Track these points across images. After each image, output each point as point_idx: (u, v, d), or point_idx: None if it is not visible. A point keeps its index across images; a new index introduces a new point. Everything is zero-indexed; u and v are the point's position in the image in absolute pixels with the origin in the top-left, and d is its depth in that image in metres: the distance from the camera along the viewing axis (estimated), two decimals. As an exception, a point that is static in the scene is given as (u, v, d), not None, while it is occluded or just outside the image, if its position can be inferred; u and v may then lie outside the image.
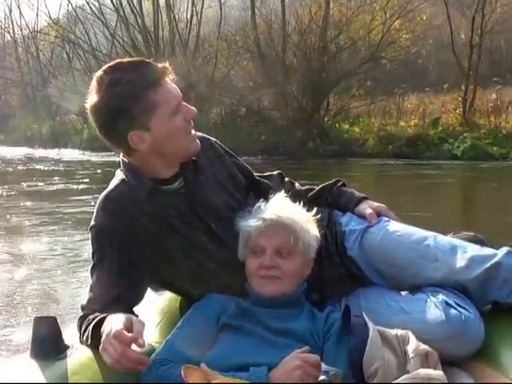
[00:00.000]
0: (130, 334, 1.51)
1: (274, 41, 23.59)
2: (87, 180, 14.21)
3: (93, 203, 7.51)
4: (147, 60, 1.86)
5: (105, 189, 1.97)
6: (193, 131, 1.94)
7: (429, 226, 2.20)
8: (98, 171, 16.51)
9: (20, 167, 19.20)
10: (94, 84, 1.82)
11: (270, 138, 21.69)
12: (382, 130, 20.72)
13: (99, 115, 1.83)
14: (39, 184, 13.56)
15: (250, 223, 1.87)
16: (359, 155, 19.32)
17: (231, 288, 1.91)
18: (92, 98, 1.82)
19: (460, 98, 21.02)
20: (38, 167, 18.75)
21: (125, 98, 1.78)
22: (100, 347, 1.56)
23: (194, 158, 1.99)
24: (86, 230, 2.01)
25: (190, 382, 1.44)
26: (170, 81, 1.86)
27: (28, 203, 10.37)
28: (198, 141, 1.96)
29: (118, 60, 1.86)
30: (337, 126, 22.33)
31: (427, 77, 23.90)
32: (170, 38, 27.75)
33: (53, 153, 26.55)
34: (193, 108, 1.92)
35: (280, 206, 1.90)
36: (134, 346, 1.52)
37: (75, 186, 12.96)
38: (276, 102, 22.65)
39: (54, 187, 13.29)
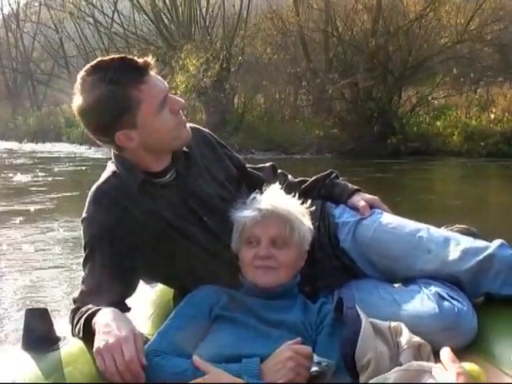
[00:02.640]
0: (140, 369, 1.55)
1: (334, 16, 18.96)
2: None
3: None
4: (129, 56, 1.83)
5: None
6: (183, 120, 1.93)
7: None
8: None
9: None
10: (77, 85, 1.81)
11: (333, 133, 18.46)
12: (469, 124, 17.34)
13: (85, 117, 1.83)
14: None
15: (246, 214, 1.86)
16: (444, 153, 16.16)
17: (224, 279, 1.90)
18: (77, 100, 1.82)
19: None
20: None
21: (108, 99, 1.77)
22: (95, 350, 1.57)
23: (185, 150, 1.98)
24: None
25: None
26: (155, 74, 1.84)
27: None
28: (188, 129, 1.95)
29: (99, 58, 1.84)
30: (417, 119, 18.69)
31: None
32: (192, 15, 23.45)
33: (54, 147, 24.31)
34: (180, 99, 1.91)
35: (275, 197, 1.90)
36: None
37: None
38: (339, 90, 18.47)
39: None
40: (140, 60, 1.81)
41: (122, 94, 1.77)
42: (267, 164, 2.35)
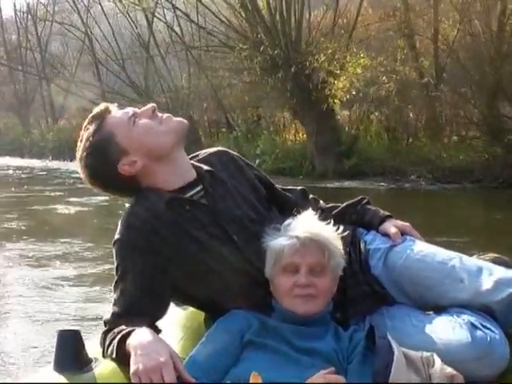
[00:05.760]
0: None
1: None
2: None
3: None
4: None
5: None
6: (164, 116, 2.00)
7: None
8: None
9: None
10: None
11: (458, 157, 15.43)
12: None
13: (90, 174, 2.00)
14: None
15: (282, 241, 1.85)
16: None
17: (254, 303, 1.90)
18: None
19: None
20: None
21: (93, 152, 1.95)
22: (132, 371, 1.59)
23: (210, 169, 2.02)
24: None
25: None
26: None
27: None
28: (175, 119, 2.01)
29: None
30: None
31: None
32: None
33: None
34: (149, 104, 2.01)
35: (311, 224, 1.89)
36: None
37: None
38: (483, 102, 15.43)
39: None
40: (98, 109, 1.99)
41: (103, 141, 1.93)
42: (298, 187, 2.34)
